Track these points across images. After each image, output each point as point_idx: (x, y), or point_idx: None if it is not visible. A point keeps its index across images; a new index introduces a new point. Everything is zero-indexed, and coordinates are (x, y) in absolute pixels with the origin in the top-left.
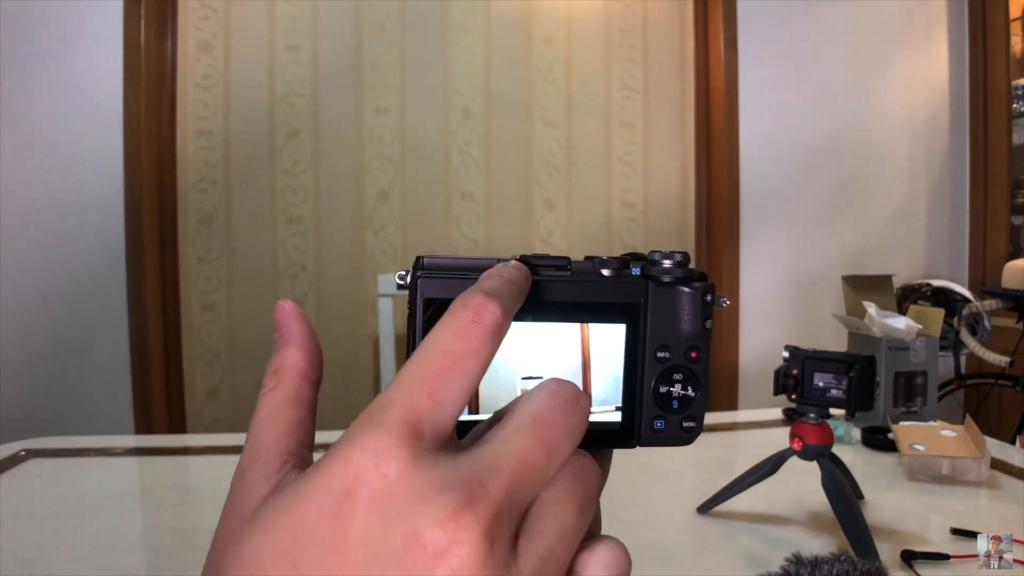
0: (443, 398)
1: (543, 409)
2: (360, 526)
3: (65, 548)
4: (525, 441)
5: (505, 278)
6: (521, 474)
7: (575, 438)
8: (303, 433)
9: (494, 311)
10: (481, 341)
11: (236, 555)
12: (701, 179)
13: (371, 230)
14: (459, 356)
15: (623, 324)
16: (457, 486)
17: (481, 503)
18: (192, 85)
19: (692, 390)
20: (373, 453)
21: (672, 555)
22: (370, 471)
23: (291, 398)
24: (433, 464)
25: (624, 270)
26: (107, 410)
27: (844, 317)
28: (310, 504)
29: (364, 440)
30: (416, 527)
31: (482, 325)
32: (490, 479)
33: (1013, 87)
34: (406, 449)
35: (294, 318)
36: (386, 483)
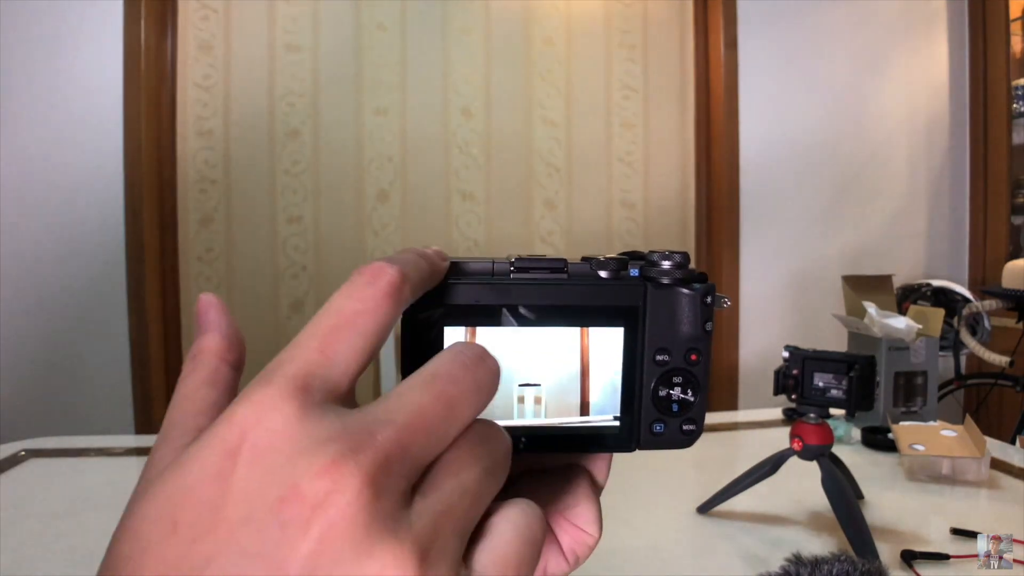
0: (334, 354)
1: (444, 365)
2: (240, 480)
3: (65, 548)
4: (421, 395)
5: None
6: (415, 427)
7: (479, 396)
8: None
9: (391, 273)
10: (375, 300)
11: (125, 527)
12: (701, 179)
13: (371, 230)
14: (351, 314)
15: (621, 327)
16: (342, 436)
17: (365, 452)
18: (192, 85)
19: (692, 393)
20: (258, 407)
21: (672, 555)
22: (254, 425)
23: (207, 379)
24: (320, 416)
25: (622, 271)
26: (107, 410)
27: (844, 317)
28: (194, 464)
29: (252, 396)
30: (295, 478)
31: (376, 286)
32: (379, 430)
33: (1013, 87)
34: (292, 402)
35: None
36: (269, 436)
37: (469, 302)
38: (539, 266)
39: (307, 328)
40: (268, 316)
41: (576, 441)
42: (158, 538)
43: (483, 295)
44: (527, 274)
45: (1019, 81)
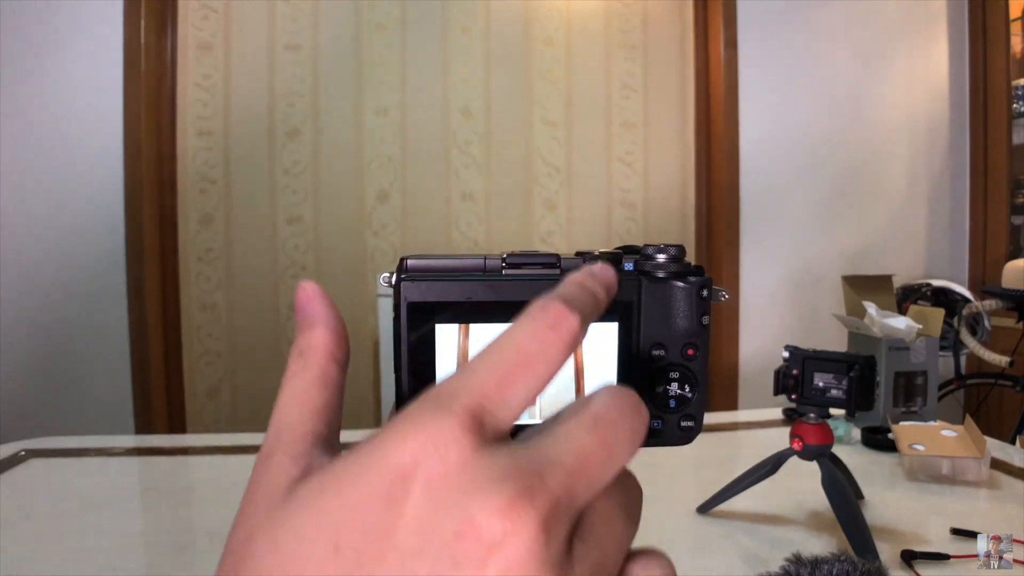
0: (509, 394)
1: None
2: (414, 510)
3: (65, 548)
4: (586, 438)
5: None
6: (580, 471)
7: (634, 444)
8: (331, 415)
9: (572, 322)
10: (556, 348)
11: (269, 540)
12: (701, 179)
13: (371, 230)
14: (532, 357)
15: (615, 322)
16: (516, 476)
17: (539, 495)
18: (192, 85)
19: (689, 389)
20: (434, 436)
21: (672, 555)
22: (430, 454)
23: (318, 379)
24: (493, 454)
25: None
26: (107, 410)
27: (844, 317)
28: (360, 484)
29: (426, 422)
30: (472, 514)
31: (558, 333)
32: (549, 472)
33: (1013, 87)
34: (469, 436)
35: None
36: (445, 468)
37: (461, 299)
38: (531, 262)
39: (486, 358)
40: (268, 316)
41: None
42: (320, 557)
43: (475, 292)
44: (519, 270)
45: (1019, 81)
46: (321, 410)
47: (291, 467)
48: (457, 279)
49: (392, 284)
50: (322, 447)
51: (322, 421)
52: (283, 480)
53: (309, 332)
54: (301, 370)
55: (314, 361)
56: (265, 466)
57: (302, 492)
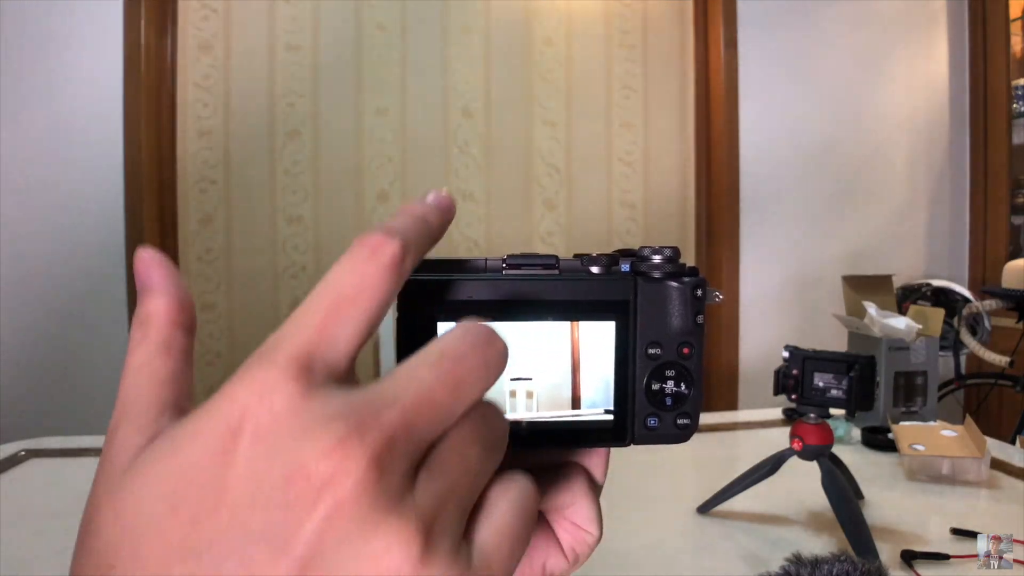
0: (335, 333)
1: (451, 344)
2: (243, 461)
3: (65, 548)
4: (428, 374)
5: (415, 215)
6: (420, 407)
7: (487, 376)
8: (179, 383)
9: (392, 247)
10: (377, 277)
11: (112, 509)
12: (701, 179)
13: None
14: (352, 292)
15: (612, 321)
16: (346, 416)
17: (371, 432)
18: (192, 85)
19: (685, 387)
20: (260, 387)
21: (672, 555)
22: (256, 406)
23: (161, 346)
24: (323, 397)
25: (613, 267)
26: (107, 410)
27: (844, 317)
28: (193, 444)
29: (252, 375)
30: (300, 458)
31: (378, 262)
32: (384, 410)
33: (1013, 87)
34: (295, 383)
35: (155, 264)
36: (272, 416)
37: (462, 298)
38: (531, 263)
39: (306, 304)
40: (268, 316)
41: (570, 435)
42: (157, 520)
43: (476, 291)
44: (519, 270)
45: (1019, 81)
46: (166, 378)
47: (136, 437)
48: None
49: None
50: (170, 416)
51: (168, 389)
52: (128, 451)
53: (148, 300)
54: (142, 339)
55: (155, 329)
56: (111, 439)
57: (139, 460)
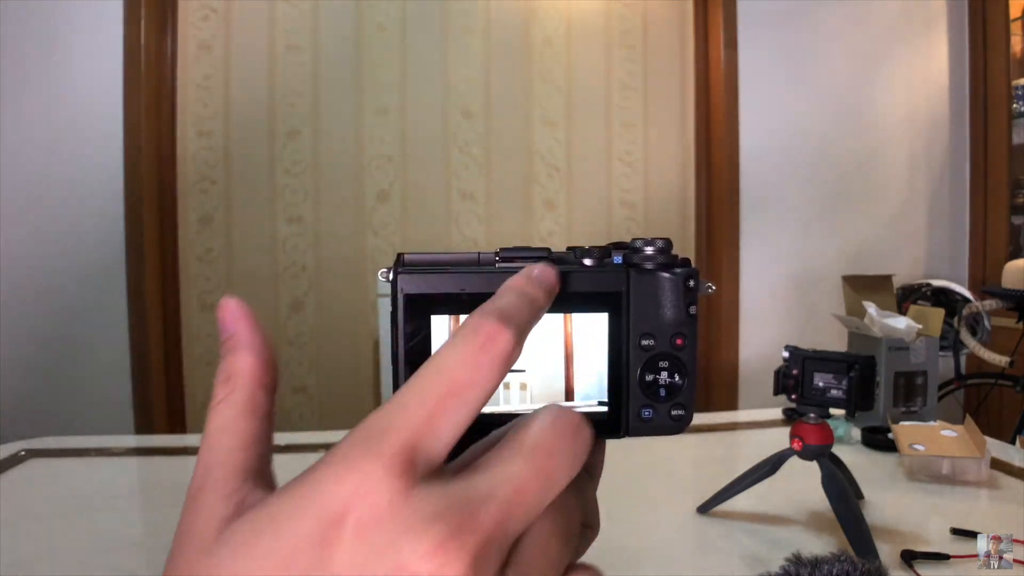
0: (440, 427)
1: (543, 437)
2: (346, 555)
3: (65, 548)
4: (522, 470)
5: (526, 294)
6: (514, 504)
7: (573, 469)
8: (261, 447)
9: (506, 339)
10: (489, 371)
11: None
12: (701, 179)
13: (371, 230)
14: (463, 385)
15: (605, 313)
16: (446, 516)
17: (469, 534)
18: (192, 85)
19: (679, 377)
20: (365, 480)
21: (672, 555)
22: (361, 498)
23: (246, 408)
24: (424, 494)
25: (606, 259)
26: (107, 410)
27: (844, 317)
28: (292, 527)
29: (355, 465)
30: (402, 558)
31: (491, 354)
32: (481, 509)
33: (1013, 87)
34: (399, 479)
35: (241, 318)
36: (375, 512)
37: (456, 291)
38: (524, 256)
39: (414, 388)
40: (268, 316)
41: None
42: None
43: (469, 284)
44: (512, 263)
45: (1019, 81)
46: (251, 442)
47: (222, 506)
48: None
49: (390, 279)
50: (254, 482)
51: (252, 454)
52: (214, 520)
53: (233, 357)
54: (226, 398)
55: (240, 389)
56: (195, 505)
57: (233, 535)
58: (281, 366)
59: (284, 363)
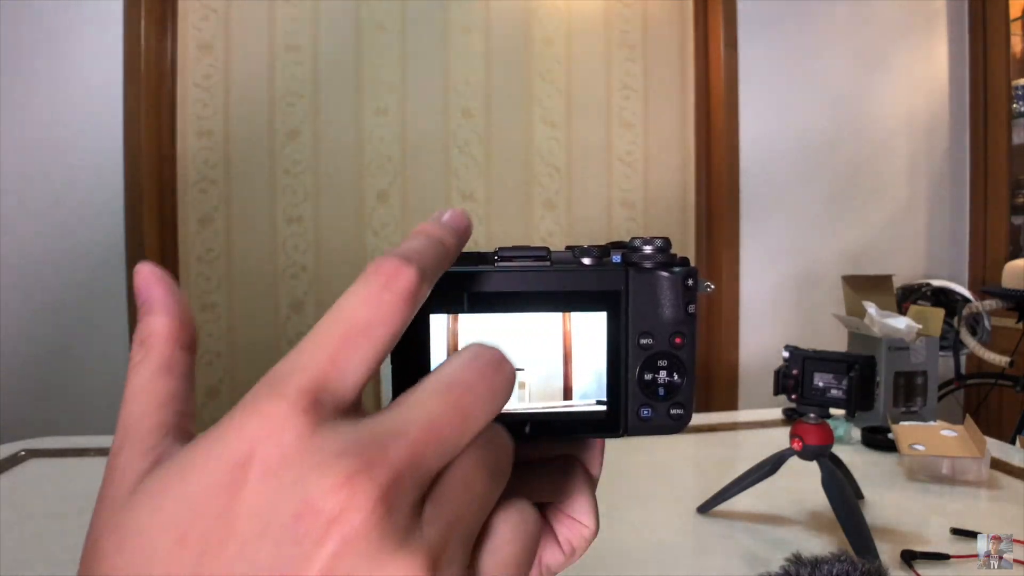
0: (345, 365)
1: (460, 372)
2: (252, 496)
3: (65, 548)
4: (436, 405)
5: (432, 237)
6: (428, 439)
7: (494, 404)
8: (181, 403)
9: (408, 277)
10: (391, 308)
11: (115, 538)
12: (701, 179)
13: (371, 230)
14: (365, 324)
15: (604, 312)
16: (355, 451)
17: (379, 467)
18: (192, 85)
19: (678, 376)
20: (269, 421)
21: (672, 555)
22: (265, 439)
23: (162, 367)
24: (332, 431)
25: (605, 258)
26: (107, 410)
27: (844, 317)
28: (201, 475)
29: (260, 407)
30: (309, 494)
31: (393, 292)
32: (392, 444)
33: (1013, 87)
34: (304, 417)
35: (155, 281)
36: (281, 451)
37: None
38: (522, 254)
39: (316, 333)
40: (268, 316)
41: (562, 426)
42: (164, 551)
43: (468, 283)
44: (510, 262)
45: (1019, 81)
46: (168, 399)
47: (139, 461)
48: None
49: None
50: (173, 437)
51: (170, 410)
52: (131, 475)
53: (148, 318)
54: (143, 359)
55: (156, 349)
56: (114, 463)
57: (145, 487)
58: None
59: None
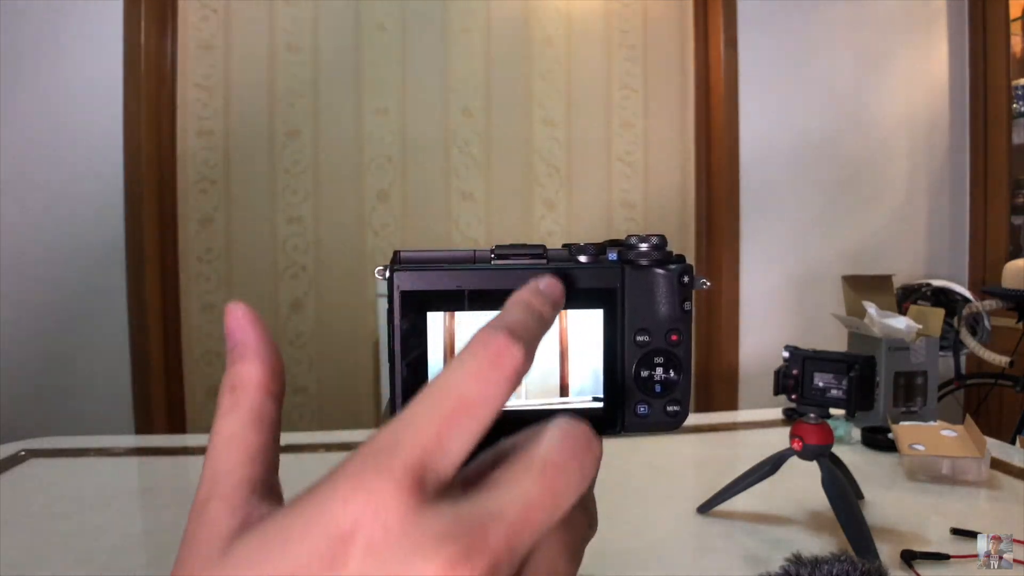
0: (450, 444)
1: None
2: (356, 573)
3: (65, 548)
4: (533, 488)
5: (533, 308)
6: (524, 523)
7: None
8: (268, 458)
9: (516, 356)
10: (498, 387)
11: None
12: (701, 179)
13: (371, 230)
14: (473, 401)
15: (600, 309)
16: (456, 535)
17: (480, 554)
18: (192, 85)
19: (674, 373)
20: (375, 498)
21: (672, 555)
22: (370, 516)
23: (253, 419)
24: (434, 513)
25: (601, 256)
26: (107, 410)
27: (844, 317)
28: (301, 545)
29: (365, 482)
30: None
31: (501, 370)
32: (492, 528)
33: (1013, 87)
34: (409, 496)
35: (248, 324)
36: (385, 530)
37: (452, 287)
38: (519, 253)
39: (423, 404)
40: (268, 316)
41: None
42: None
43: (465, 281)
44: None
45: (1019, 81)
46: (257, 453)
47: (228, 518)
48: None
49: (386, 276)
50: (260, 494)
51: (259, 465)
52: (221, 532)
53: (240, 366)
54: (233, 407)
55: (246, 398)
56: (202, 515)
57: (241, 548)
58: None
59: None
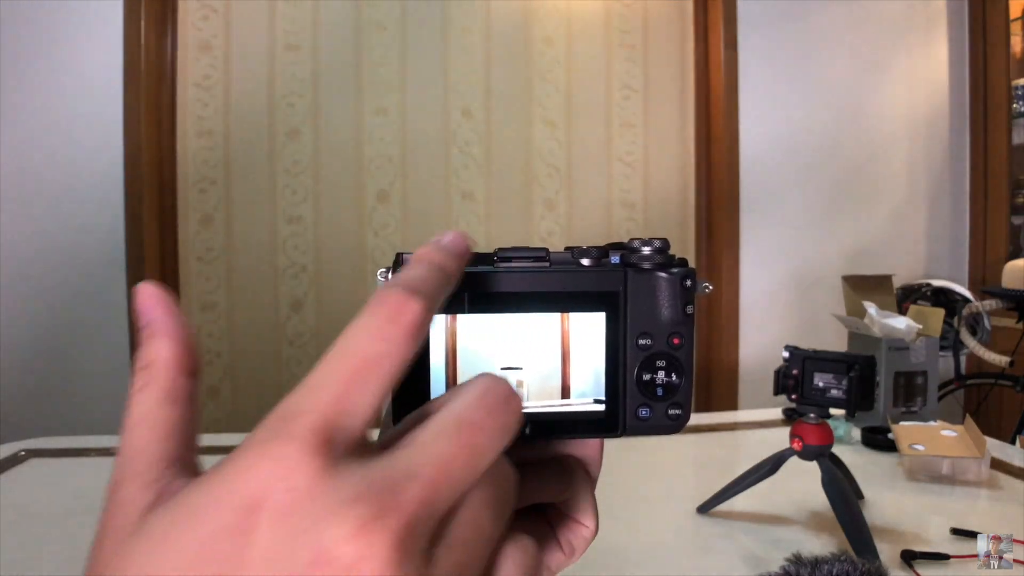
0: (355, 403)
1: (471, 410)
2: (265, 541)
3: (65, 548)
4: (447, 446)
5: (434, 263)
6: (440, 481)
7: (504, 441)
8: (184, 434)
9: (414, 309)
10: (398, 342)
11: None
12: (701, 179)
13: (371, 230)
14: (373, 358)
15: (602, 312)
16: (368, 497)
17: (393, 514)
18: (192, 85)
19: (676, 377)
20: (280, 463)
21: (672, 555)
22: (277, 483)
23: (166, 395)
24: (344, 474)
25: (603, 259)
26: (107, 410)
27: (844, 317)
28: (209, 517)
29: (271, 449)
30: (324, 542)
31: (400, 324)
32: (404, 487)
33: (1013, 87)
34: (315, 459)
35: (157, 302)
36: (293, 496)
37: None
38: (521, 255)
39: (323, 368)
40: (268, 316)
41: (561, 426)
42: None
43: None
44: (509, 263)
45: (1019, 81)
46: (172, 430)
47: (142, 495)
48: None
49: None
50: (176, 469)
51: (173, 442)
52: (133, 510)
53: (151, 344)
54: (145, 387)
55: (159, 376)
56: (116, 496)
57: (151, 525)
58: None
59: (284, 363)
